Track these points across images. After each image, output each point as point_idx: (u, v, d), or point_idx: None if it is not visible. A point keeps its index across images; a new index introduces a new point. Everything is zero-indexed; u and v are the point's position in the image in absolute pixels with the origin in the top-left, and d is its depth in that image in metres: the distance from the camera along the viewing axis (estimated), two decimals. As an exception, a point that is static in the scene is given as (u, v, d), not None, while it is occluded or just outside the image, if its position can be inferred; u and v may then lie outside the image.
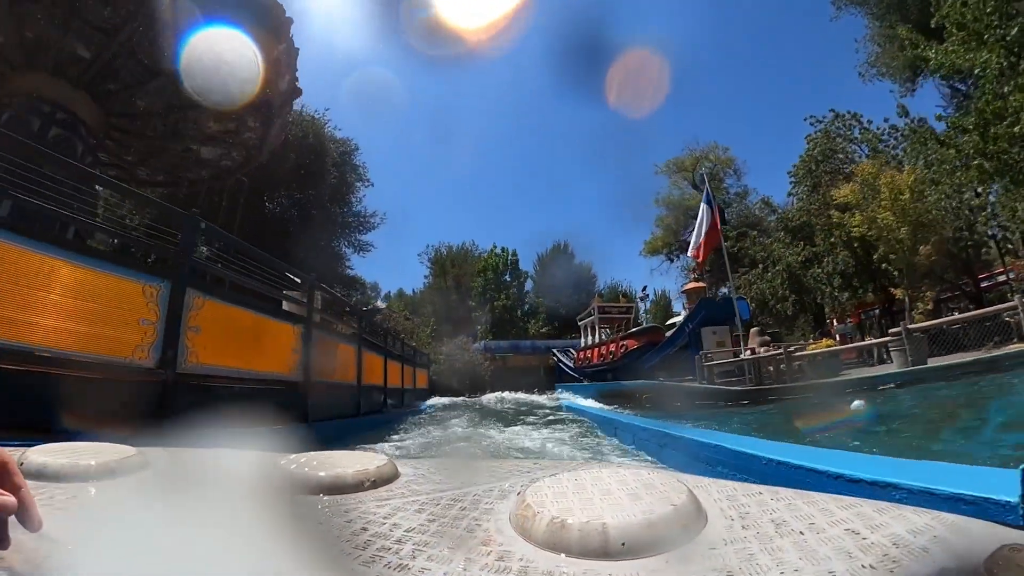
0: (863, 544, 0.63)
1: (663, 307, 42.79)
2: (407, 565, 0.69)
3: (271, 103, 12.63)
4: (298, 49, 13.14)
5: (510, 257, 47.87)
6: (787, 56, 65.52)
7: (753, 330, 15.84)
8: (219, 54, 10.11)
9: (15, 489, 0.63)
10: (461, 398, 24.01)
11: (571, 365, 30.37)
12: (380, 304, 36.02)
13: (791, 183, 25.61)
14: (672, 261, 39.89)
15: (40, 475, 1.00)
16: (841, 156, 23.60)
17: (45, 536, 0.67)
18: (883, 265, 19.31)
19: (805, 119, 24.58)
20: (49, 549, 0.68)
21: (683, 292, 24.28)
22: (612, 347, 23.48)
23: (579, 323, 30.35)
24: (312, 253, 19.95)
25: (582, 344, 29.98)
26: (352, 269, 26.20)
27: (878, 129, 22.51)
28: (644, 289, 32.02)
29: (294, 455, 1.18)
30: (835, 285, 21.85)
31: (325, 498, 0.99)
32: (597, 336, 27.22)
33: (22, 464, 1.04)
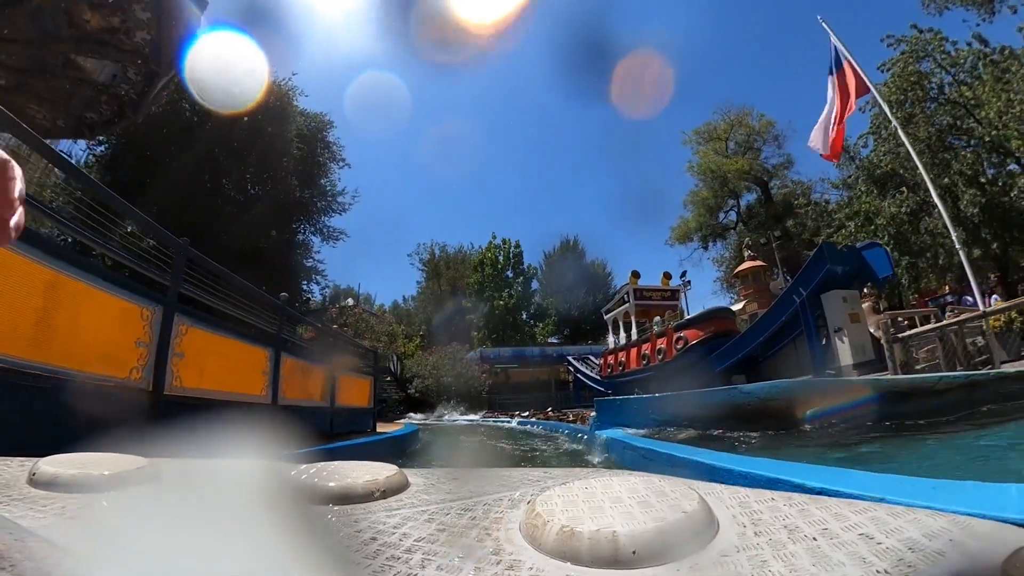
0: (878, 549, 0.62)
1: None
2: (416, 574, 0.69)
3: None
4: None
5: (512, 249, 39.48)
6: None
7: (866, 305, 11.20)
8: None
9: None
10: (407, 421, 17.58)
11: (594, 376, 23.48)
12: (349, 303, 29.80)
13: (874, 113, 19.35)
14: (706, 248, 32.30)
15: (52, 485, 1.01)
16: (933, 82, 18.32)
17: (56, 545, 0.68)
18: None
19: (882, 40, 19.69)
20: (60, 558, 0.68)
21: (735, 276, 17.74)
22: (661, 343, 16.96)
23: (605, 316, 23.00)
24: (260, 237, 16.22)
25: (610, 345, 22.13)
26: (323, 263, 21.77)
27: (959, 53, 17.98)
28: (684, 275, 23.71)
29: (304, 465, 1.18)
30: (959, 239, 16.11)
31: (335, 508, 0.99)
32: (633, 332, 19.94)
33: (34, 475, 1.05)
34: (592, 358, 26.14)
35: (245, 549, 0.77)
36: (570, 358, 28.13)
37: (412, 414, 25.19)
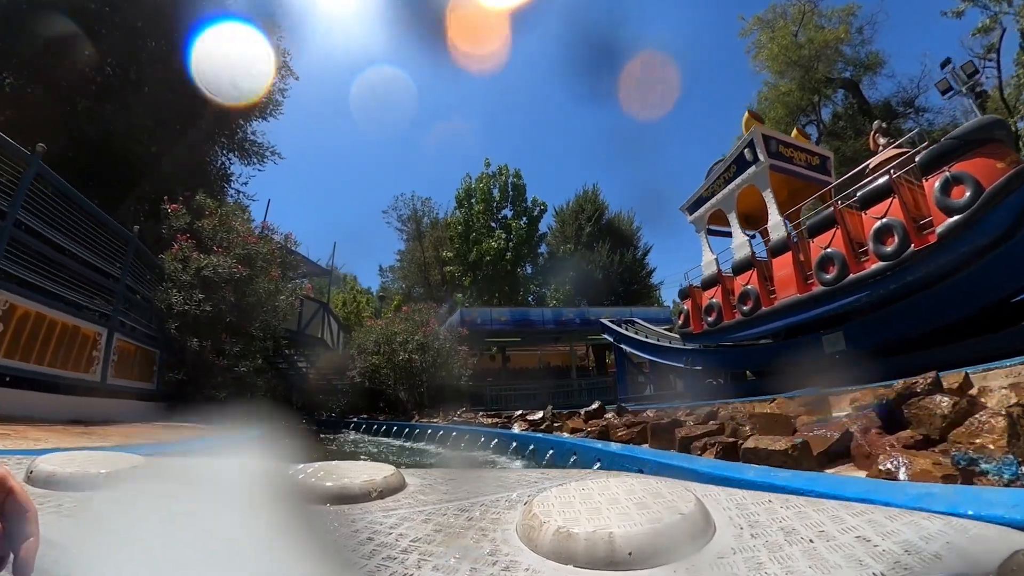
0: (874, 551, 0.62)
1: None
2: (413, 575, 0.69)
3: None
4: None
5: (511, 179, 27.58)
6: None
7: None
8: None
9: (23, 538, 0.60)
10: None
11: (663, 345, 13.30)
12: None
13: None
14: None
15: (49, 483, 1.01)
16: None
17: (53, 543, 0.68)
18: None
19: None
20: (56, 556, 0.68)
21: (875, 168, 8.71)
22: (886, 211, 7.53)
23: (691, 217, 12.40)
24: (149, 142, 10.40)
25: (704, 270, 11.56)
26: (253, 198, 14.56)
27: None
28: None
29: (302, 464, 1.18)
30: None
31: (332, 508, 0.99)
32: (775, 220, 9.78)
33: (31, 472, 1.05)
34: (642, 322, 16.82)
35: (241, 548, 0.77)
36: (606, 321, 16.75)
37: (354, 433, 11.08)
